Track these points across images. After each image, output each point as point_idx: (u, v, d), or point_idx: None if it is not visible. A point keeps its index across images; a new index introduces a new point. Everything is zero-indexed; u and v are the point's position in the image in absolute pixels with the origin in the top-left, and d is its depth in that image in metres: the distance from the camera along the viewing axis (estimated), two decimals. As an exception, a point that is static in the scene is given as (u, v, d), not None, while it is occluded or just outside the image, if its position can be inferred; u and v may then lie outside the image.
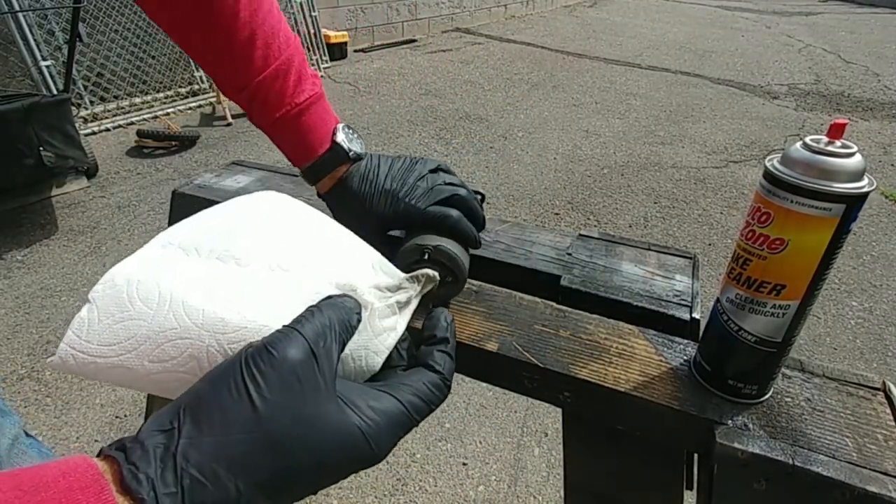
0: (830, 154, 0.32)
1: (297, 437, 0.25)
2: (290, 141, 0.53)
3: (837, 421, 0.38)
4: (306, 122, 0.51)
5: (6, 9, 2.45)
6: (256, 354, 0.26)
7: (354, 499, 1.19)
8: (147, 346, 0.28)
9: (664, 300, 0.51)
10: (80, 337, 0.28)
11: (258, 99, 0.50)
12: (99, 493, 0.20)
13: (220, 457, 0.23)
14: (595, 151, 3.00)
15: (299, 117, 0.51)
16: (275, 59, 0.49)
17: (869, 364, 1.61)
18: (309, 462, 0.25)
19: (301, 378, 0.25)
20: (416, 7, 5.43)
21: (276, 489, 0.24)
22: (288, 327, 0.27)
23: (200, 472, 0.22)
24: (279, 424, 0.24)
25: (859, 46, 5.68)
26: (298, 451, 0.25)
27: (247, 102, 0.51)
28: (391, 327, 0.34)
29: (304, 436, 0.25)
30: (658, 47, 5.45)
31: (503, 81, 4.18)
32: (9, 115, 1.93)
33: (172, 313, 0.29)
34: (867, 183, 0.32)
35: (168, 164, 2.73)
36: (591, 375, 0.43)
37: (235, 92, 0.51)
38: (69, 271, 1.92)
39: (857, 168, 0.32)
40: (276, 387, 0.25)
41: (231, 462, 0.23)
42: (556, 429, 1.35)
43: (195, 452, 0.23)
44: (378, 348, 0.33)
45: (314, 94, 0.52)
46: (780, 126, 3.43)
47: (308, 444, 0.25)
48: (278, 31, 0.49)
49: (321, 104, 0.53)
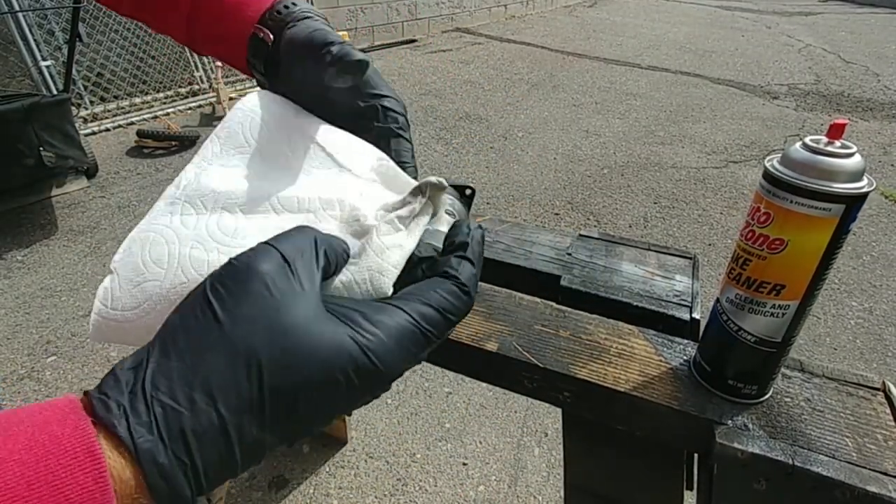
0: (830, 154, 0.32)
1: (277, 351, 0.22)
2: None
3: (837, 421, 0.38)
4: None
5: (6, 9, 2.45)
6: (221, 271, 0.23)
7: (354, 499, 1.19)
8: (164, 305, 0.29)
9: (664, 300, 0.51)
10: (106, 306, 0.30)
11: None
12: (76, 424, 0.19)
13: (192, 381, 0.21)
14: (595, 151, 3.00)
15: None
16: None
17: (869, 364, 1.61)
18: (297, 379, 0.22)
19: (272, 287, 0.23)
20: (416, 7, 5.43)
21: (266, 414, 0.21)
22: (261, 243, 0.25)
23: (173, 399, 0.20)
24: (250, 338, 0.22)
25: (859, 46, 5.68)
26: (281, 367, 0.22)
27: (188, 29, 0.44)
28: (396, 244, 0.31)
29: (284, 349, 0.22)
30: (658, 47, 5.45)
31: (503, 81, 4.17)
32: (9, 115, 1.93)
33: (181, 269, 0.29)
34: (867, 183, 0.32)
35: (168, 164, 2.73)
36: (591, 375, 0.43)
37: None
38: (69, 271, 1.92)
39: (856, 168, 0.32)
40: (242, 299, 0.22)
41: (205, 385, 0.21)
42: (556, 429, 1.35)
43: (163, 379, 0.21)
44: (383, 267, 0.29)
45: None
46: (780, 126, 3.42)
47: (291, 357, 0.22)
48: None
49: None
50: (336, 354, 0.23)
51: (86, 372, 1.50)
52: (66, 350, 1.58)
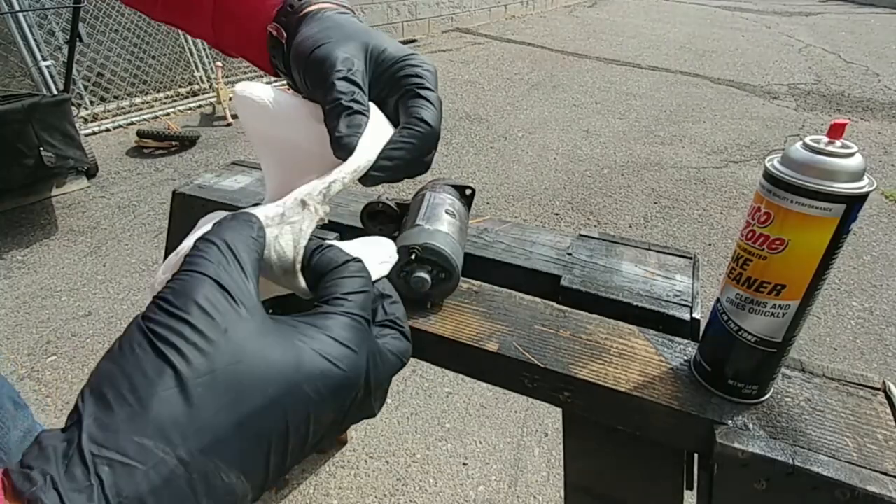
0: (830, 154, 0.32)
1: (231, 375, 0.20)
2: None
3: (837, 421, 0.38)
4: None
5: (6, 9, 2.45)
6: (152, 308, 0.21)
7: (354, 499, 1.19)
8: None
9: (664, 300, 0.51)
10: None
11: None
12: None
13: (143, 427, 0.18)
14: (595, 151, 3.00)
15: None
16: None
17: (869, 364, 1.61)
18: (260, 401, 0.20)
19: (213, 311, 0.21)
20: (416, 7, 5.43)
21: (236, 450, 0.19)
22: (181, 272, 0.23)
23: (122, 453, 0.17)
24: (201, 367, 0.19)
25: (859, 46, 5.68)
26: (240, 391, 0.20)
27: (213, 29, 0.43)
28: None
29: (238, 371, 0.20)
30: (658, 47, 5.45)
31: (503, 81, 4.17)
32: (9, 115, 1.93)
33: None
34: (867, 183, 0.32)
35: (168, 164, 2.73)
36: (591, 375, 0.43)
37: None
38: (69, 271, 1.92)
39: (857, 168, 0.32)
40: (189, 335, 0.20)
41: (158, 428, 0.18)
42: (556, 429, 1.35)
43: (107, 433, 0.18)
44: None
45: None
46: (780, 126, 3.42)
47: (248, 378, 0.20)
48: None
49: None
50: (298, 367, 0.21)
51: (85, 372, 1.50)
52: (66, 350, 1.58)
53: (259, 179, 0.77)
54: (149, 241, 2.10)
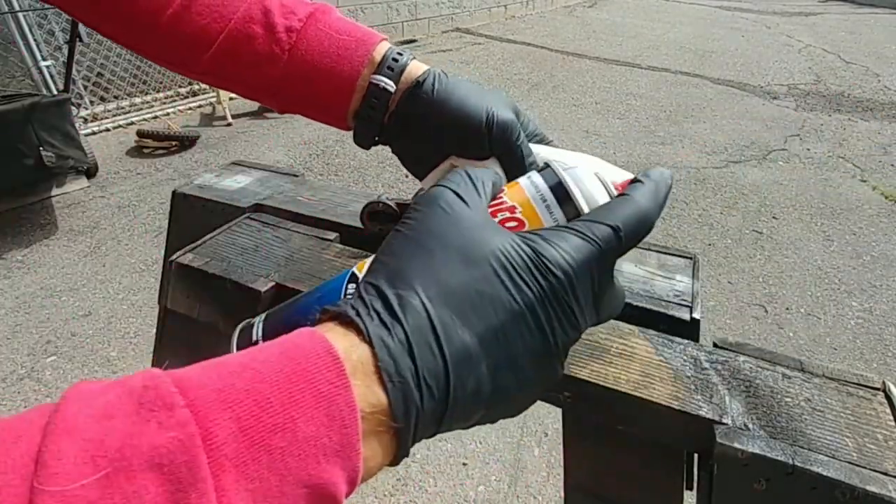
0: None
1: (455, 252, 0.25)
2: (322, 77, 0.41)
3: (837, 421, 0.38)
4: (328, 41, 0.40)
5: (6, 9, 2.45)
6: (413, 204, 0.28)
7: (355, 499, 1.19)
8: None
9: (664, 300, 0.51)
10: None
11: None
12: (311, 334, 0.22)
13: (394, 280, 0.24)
14: (595, 151, 3.00)
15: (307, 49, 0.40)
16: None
17: (869, 364, 1.61)
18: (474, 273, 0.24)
19: (447, 209, 0.27)
20: (416, 7, 5.43)
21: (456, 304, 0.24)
22: (436, 185, 0.29)
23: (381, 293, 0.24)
24: (435, 243, 0.25)
25: (859, 46, 5.68)
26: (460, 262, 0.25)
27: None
28: None
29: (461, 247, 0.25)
30: (658, 47, 5.45)
31: (503, 81, 4.17)
32: (9, 115, 1.93)
33: None
34: None
35: (168, 164, 2.73)
36: (591, 375, 0.43)
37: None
38: (69, 271, 1.92)
39: None
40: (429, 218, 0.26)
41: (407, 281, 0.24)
42: (556, 429, 1.35)
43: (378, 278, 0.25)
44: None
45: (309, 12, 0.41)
46: (780, 126, 3.43)
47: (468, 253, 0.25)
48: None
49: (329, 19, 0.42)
50: (507, 253, 0.25)
51: (85, 372, 1.50)
52: (66, 350, 1.58)
53: (259, 179, 0.77)
54: (149, 241, 2.10)
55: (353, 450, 0.21)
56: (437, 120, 0.40)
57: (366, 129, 0.42)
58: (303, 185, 0.71)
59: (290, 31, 0.40)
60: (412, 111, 0.41)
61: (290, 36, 0.40)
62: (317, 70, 0.40)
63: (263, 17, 0.40)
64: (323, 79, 0.40)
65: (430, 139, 0.42)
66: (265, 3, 0.40)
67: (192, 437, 0.17)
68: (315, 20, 0.41)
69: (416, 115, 0.40)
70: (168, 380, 0.18)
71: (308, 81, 0.41)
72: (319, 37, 0.40)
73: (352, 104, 0.41)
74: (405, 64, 0.41)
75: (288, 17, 0.40)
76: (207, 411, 0.18)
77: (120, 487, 0.15)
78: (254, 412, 0.19)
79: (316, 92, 0.41)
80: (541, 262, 0.25)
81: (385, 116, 0.41)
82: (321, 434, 0.20)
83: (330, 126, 0.45)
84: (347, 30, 0.41)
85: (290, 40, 0.40)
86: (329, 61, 0.40)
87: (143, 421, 0.17)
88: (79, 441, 0.16)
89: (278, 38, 0.40)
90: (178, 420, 0.17)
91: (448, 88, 0.40)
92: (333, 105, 0.42)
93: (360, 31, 0.42)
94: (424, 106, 0.40)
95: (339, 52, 0.40)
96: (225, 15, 0.39)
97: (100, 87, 3.17)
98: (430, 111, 0.40)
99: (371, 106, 0.41)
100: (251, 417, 0.18)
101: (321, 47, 0.40)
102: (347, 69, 0.40)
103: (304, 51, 0.40)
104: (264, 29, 0.39)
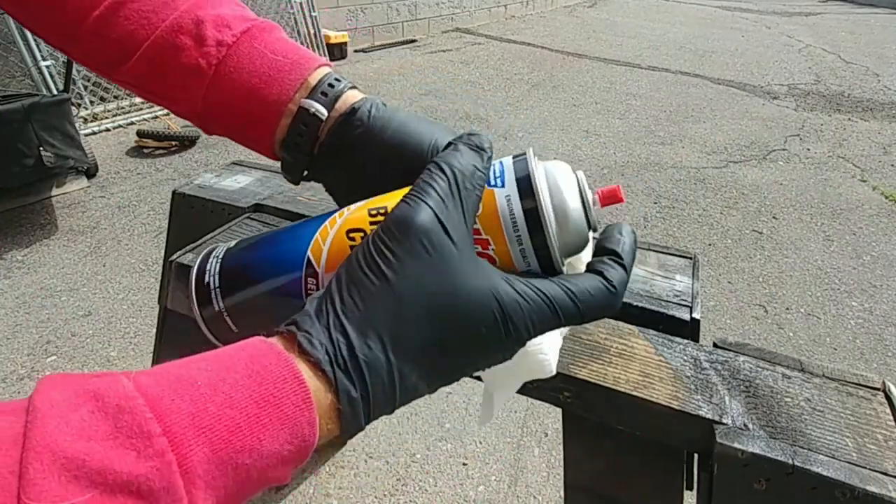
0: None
1: (434, 310, 0.25)
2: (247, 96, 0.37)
3: (837, 421, 0.38)
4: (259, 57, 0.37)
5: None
6: (383, 230, 0.26)
7: (354, 499, 1.19)
8: None
9: (664, 300, 0.51)
10: None
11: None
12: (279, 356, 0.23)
13: (366, 330, 0.24)
14: (595, 151, 3.00)
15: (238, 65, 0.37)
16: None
17: (869, 364, 1.61)
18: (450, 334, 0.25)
19: (428, 246, 0.25)
20: (416, 7, 5.43)
21: (424, 363, 0.25)
22: (411, 196, 0.26)
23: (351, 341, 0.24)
24: (412, 295, 0.25)
25: (859, 46, 5.68)
26: (437, 322, 0.25)
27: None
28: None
29: (440, 307, 0.25)
30: (658, 47, 5.45)
31: (503, 81, 4.17)
32: (9, 115, 1.93)
33: None
34: None
35: (168, 164, 2.73)
36: (591, 375, 0.43)
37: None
38: (69, 271, 1.92)
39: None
40: (404, 258, 0.25)
41: (377, 333, 0.24)
42: (556, 429, 1.35)
43: (346, 323, 0.24)
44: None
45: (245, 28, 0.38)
46: (780, 126, 3.43)
47: (446, 314, 0.25)
48: None
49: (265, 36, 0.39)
50: (482, 308, 0.25)
51: (85, 372, 1.50)
52: (66, 350, 1.58)
53: (259, 179, 0.77)
54: (149, 241, 2.10)
55: (307, 452, 0.23)
56: (374, 150, 0.37)
57: (293, 159, 0.38)
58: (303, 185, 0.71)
59: (220, 45, 0.37)
60: (345, 140, 0.37)
61: (219, 50, 0.37)
62: (244, 89, 0.37)
63: (194, 28, 0.37)
64: (250, 99, 0.37)
65: (365, 171, 0.38)
66: (199, 14, 0.37)
67: (170, 465, 0.19)
68: (251, 37, 0.38)
69: (350, 144, 0.37)
70: (142, 403, 0.19)
71: (233, 101, 0.37)
72: (252, 55, 0.37)
73: (279, 131, 0.38)
74: (341, 91, 0.37)
75: (221, 30, 0.37)
76: (183, 438, 0.19)
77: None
78: (224, 437, 0.20)
79: (241, 113, 0.38)
80: (508, 326, 0.26)
81: (315, 146, 0.38)
82: (283, 449, 0.22)
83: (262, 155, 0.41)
84: (285, 51, 0.38)
85: (219, 55, 0.37)
86: (258, 81, 0.37)
87: (122, 447, 0.18)
88: (60, 459, 0.17)
89: (206, 52, 0.36)
90: (156, 450, 0.18)
91: (385, 116, 0.37)
92: (259, 128, 0.38)
93: (298, 54, 0.38)
94: (359, 134, 0.37)
95: (272, 72, 0.37)
96: (154, 22, 0.36)
97: (100, 87, 3.17)
98: (366, 140, 0.36)
99: (299, 133, 0.37)
100: (222, 441, 0.20)
101: (252, 66, 0.37)
102: (277, 91, 0.37)
103: (233, 68, 0.37)
104: (193, 40, 0.36)
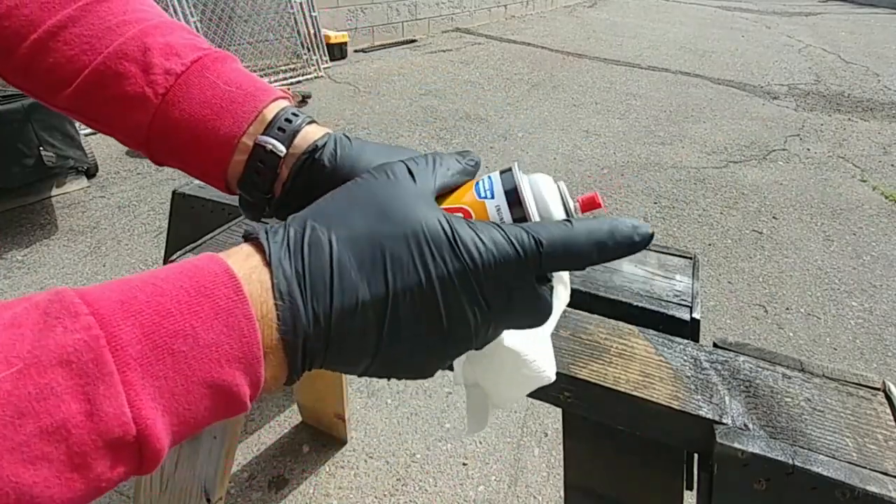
0: None
1: (384, 211, 0.26)
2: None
3: (837, 421, 0.38)
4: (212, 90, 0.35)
5: (6, 9, 2.45)
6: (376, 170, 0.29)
7: (354, 499, 1.19)
8: None
9: (664, 300, 0.51)
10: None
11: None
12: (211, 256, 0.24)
13: (316, 218, 0.26)
14: (595, 151, 3.00)
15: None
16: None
17: (869, 364, 1.61)
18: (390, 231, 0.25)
19: (392, 176, 0.28)
20: (416, 7, 5.43)
21: (364, 257, 0.25)
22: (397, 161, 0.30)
23: (300, 227, 0.26)
24: (366, 196, 0.27)
25: (859, 46, 5.68)
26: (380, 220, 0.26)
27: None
28: None
29: (388, 209, 0.26)
30: (658, 47, 5.45)
31: (503, 81, 4.17)
32: (9, 115, 1.93)
33: None
34: None
35: (168, 164, 2.74)
36: (591, 375, 0.43)
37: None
38: (69, 271, 1.92)
39: None
40: (370, 179, 0.28)
41: (325, 221, 0.26)
42: (556, 429, 1.35)
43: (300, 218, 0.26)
44: None
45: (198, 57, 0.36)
46: (780, 126, 3.43)
47: (392, 216, 0.26)
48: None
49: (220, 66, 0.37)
50: (426, 224, 0.26)
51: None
52: (66, 350, 1.58)
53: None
54: (149, 241, 2.10)
55: (255, 358, 0.23)
56: None
57: (252, 198, 0.37)
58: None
59: (168, 74, 0.35)
60: (310, 183, 0.35)
61: (167, 79, 0.35)
62: (192, 120, 0.35)
63: (141, 56, 0.35)
64: (199, 131, 0.35)
65: None
66: (146, 41, 0.35)
67: (97, 339, 0.19)
68: (202, 66, 0.36)
69: (317, 185, 0.35)
70: (72, 292, 0.20)
71: (181, 132, 0.35)
72: (203, 85, 0.35)
73: (232, 166, 0.36)
74: (299, 126, 0.36)
75: (170, 58, 0.35)
76: (111, 317, 0.19)
77: (32, 379, 0.18)
78: (155, 320, 0.20)
79: (190, 145, 0.36)
80: (455, 243, 0.25)
81: (274, 185, 0.36)
82: (221, 342, 0.22)
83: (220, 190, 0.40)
84: (239, 82, 0.36)
85: (166, 84, 0.35)
86: (209, 113, 0.35)
87: (50, 327, 0.19)
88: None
89: (153, 80, 0.35)
90: (82, 325, 0.19)
91: (353, 154, 0.35)
92: (210, 162, 0.36)
93: (253, 85, 0.36)
94: (326, 176, 0.35)
95: (223, 104, 0.35)
96: (96, 48, 0.35)
97: (100, 87, 3.17)
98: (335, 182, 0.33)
99: (256, 171, 0.35)
100: (153, 324, 0.20)
101: (202, 96, 0.35)
102: (228, 124, 0.35)
103: (181, 98, 0.35)
104: (139, 68, 0.35)
